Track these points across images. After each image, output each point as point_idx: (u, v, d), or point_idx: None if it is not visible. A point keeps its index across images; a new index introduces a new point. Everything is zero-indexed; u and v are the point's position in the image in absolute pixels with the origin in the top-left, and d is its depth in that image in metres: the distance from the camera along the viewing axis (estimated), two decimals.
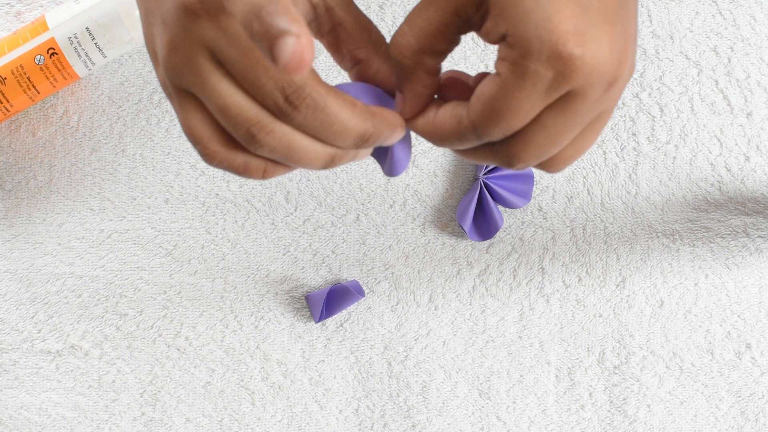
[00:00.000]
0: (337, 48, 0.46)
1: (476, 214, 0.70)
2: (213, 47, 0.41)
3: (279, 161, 0.43)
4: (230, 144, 0.43)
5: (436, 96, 0.46)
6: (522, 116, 0.41)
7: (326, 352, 0.71)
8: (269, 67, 0.40)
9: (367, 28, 0.45)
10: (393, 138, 0.44)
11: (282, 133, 0.41)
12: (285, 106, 0.41)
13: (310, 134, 0.42)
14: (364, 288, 0.71)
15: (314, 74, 0.41)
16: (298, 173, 0.71)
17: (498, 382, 0.71)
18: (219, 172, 0.71)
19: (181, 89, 0.42)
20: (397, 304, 0.71)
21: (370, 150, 0.44)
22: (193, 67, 0.41)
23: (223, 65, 0.41)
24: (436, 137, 0.44)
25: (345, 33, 0.45)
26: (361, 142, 0.42)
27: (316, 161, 0.43)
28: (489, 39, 0.42)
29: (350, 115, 0.42)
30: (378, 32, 0.46)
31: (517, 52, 0.40)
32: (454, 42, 0.44)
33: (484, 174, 0.70)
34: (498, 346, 0.71)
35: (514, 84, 0.40)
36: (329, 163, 0.43)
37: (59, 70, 0.66)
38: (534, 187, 0.71)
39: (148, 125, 0.71)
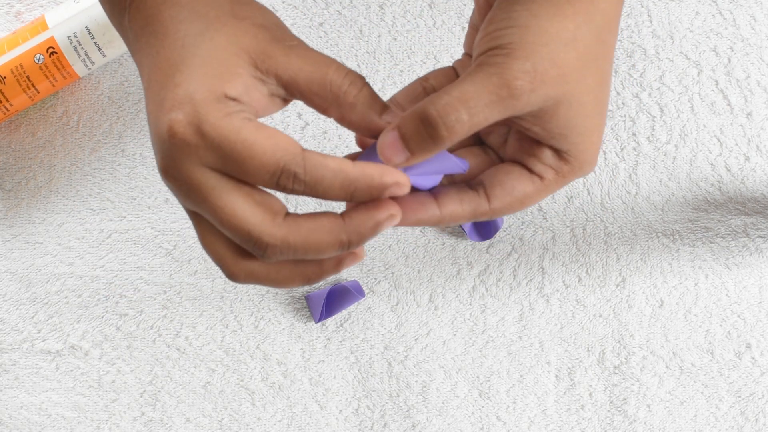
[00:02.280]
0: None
1: None
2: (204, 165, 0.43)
3: (300, 258, 0.44)
4: (249, 257, 0.45)
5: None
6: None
7: (326, 352, 0.71)
8: (230, 223, 0.43)
9: (322, 83, 0.44)
10: (379, 228, 0.45)
11: (277, 241, 0.43)
12: (255, 251, 0.43)
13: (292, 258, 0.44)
14: (364, 288, 0.71)
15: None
16: None
17: (498, 382, 0.71)
18: None
19: (188, 210, 0.44)
20: (397, 304, 0.71)
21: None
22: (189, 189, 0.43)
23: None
24: (444, 225, 0.47)
25: (307, 98, 0.45)
26: (347, 248, 0.44)
27: (331, 248, 0.44)
28: (530, 135, 0.45)
29: (318, 239, 0.43)
30: (335, 81, 0.44)
31: (570, 167, 0.45)
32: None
33: None
34: (498, 346, 0.71)
35: (550, 190, 0.46)
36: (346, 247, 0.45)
37: (59, 69, 0.66)
38: None
39: (148, 125, 0.71)
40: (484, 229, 0.70)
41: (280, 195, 0.71)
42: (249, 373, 0.71)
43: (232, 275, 0.44)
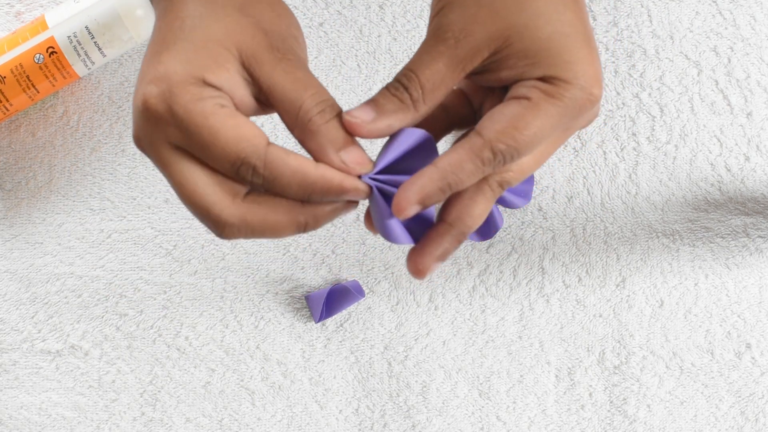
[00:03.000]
0: None
1: None
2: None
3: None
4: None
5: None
6: (545, 136, 0.44)
7: (326, 352, 0.71)
8: (193, 200, 0.44)
9: (292, 103, 0.44)
10: (334, 215, 0.46)
11: (236, 220, 0.44)
12: (215, 229, 0.44)
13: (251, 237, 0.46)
14: (364, 288, 0.71)
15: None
16: None
17: (498, 382, 0.71)
18: None
19: (166, 143, 0.44)
20: (397, 304, 0.71)
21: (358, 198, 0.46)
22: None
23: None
24: (450, 182, 0.44)
25: (279, 110, 0.45)
26: (303, 230, 0.45)
27: (288, 229, 0.45)
28: (498, 82, 0.45)
29: (276, 219, 0.44)
30: (305, 106, 0.44)
31: (562, 86, 0.43)
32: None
33: None
34: (498, 346, 0.71)
35: (549, 111, 0.43)
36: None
37: (59, 69, 0.66)
38: (534, 187, 0.71)
39: None
40: (484, 229, 0.70)
41: None
42: (249, 373, 0.71)
43: (221, 224, 0.44)
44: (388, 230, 0.45)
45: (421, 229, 0.46)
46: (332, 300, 0.70)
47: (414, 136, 0.45)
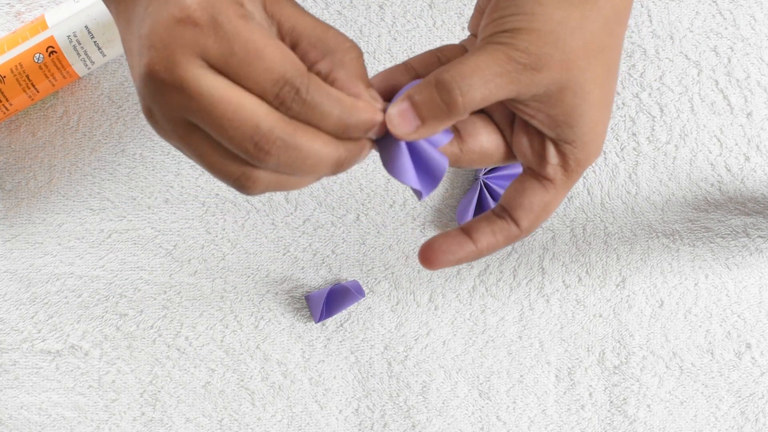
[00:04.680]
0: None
1: (476, 214, 0.70)
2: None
3: (286, 172, 0.43)
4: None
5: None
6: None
7: (326, 352, 0.71)
8: (235, 116, 0.40)
9: (322, 36, 0.43)
10: (363, 154, 0.44)
11: (287, 136, 0.41)
12: (256, 153, 0.41)
13: (285, 172, 0.42)
14: (364, 288, 0.71)
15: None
16: None
17: (498, 382, 0.71)
18: None
19: (179, 120, 0.42)
20: (397, 304, 0.71)
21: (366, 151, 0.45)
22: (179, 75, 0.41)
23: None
24: (482, 257, 0.49)
25: (303, 46, 0.44)
26: (336, 169, 0.43)
27: (326, 163, 0.43)
28: (535, 124, 0.45)
29: (321, 146, 0.42)
30: (336, 38, 0.44)
31: (575, 160, 0.45)
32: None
33: (484, 174, 0.70)
34: (498, 346, 0.71)
35: (566, 188, 0.46)
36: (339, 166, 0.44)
37: (58, 69, 0.66)
38: None
39: (148, 125, 0.70)
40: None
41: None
42: (249, 373, 0.71)
43: (249, 180, 0.43)
44: (400, 168, 0.45)
45: (429, 178, 0.46)
46: (332, 300, 0.70)
47: None
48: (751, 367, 0.72)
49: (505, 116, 0.47)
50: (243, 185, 0.43)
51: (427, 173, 0.46)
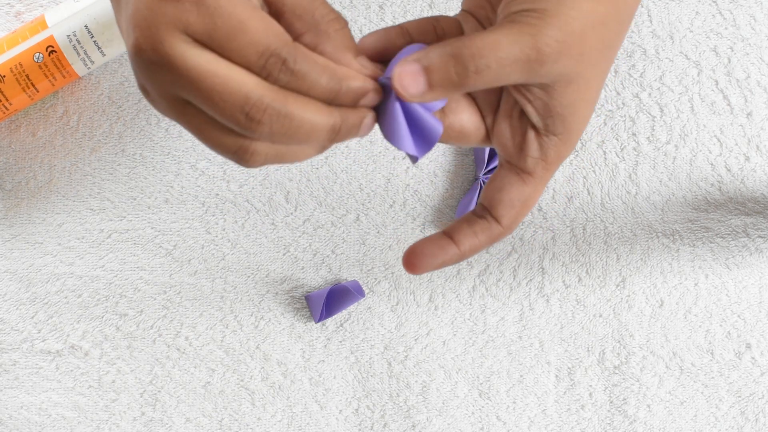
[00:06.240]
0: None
1: None
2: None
3: (281, 142, 0.42)
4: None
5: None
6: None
7: (326, 352, 0.71)
8: (224, 89, 0.40)
9: (308, 8, 0.43)
10: (364, 129, 0.44)
11: (277, 104, 0.41)
12: (248, 123, 0.41)
13: (280, 142, 0.42)
14: (364, 288, 0.71)
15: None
16: (298, 172, 0.71)
17: (498, 382, 0.71)
18: (219, 172, 0.70)
19: (171, 96, 0.42)
20: (397, 304, 0.71)
21: (371, 122, 0.44)
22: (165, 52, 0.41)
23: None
24: (466, 259, 0.49)
25: (287, 18, 0.43)
26: (334, 136, 0.43)
27: (319, 132, 0.42)
28: (528, 110, 0.45)
29: (314, 113, 0.42)
30: (321, 10, 0.43)
31: (555, 153, 0.45)
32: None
33: (484, 174, 0.70)
34: (498, 346, 0.71)
35: (543, 181, 0.46)
36: (333, 136, 0.43)
37: (58, 68, 0.66)
38: None
39: (148, 125, 0.70)
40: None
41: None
42: (249, 373, 0.71)
43: (247, 153, 0.42)
44: (396, 133, 0.45)
45: (424, 142, 0.46)
46: (332, 300, 0.70)
47: (417, 49, 0.45)
48: (751, 367, 0.72)
49: (489, 102, 0.47)
50: (242, 158, 0.42)
51: (422, 137, 0.45)
